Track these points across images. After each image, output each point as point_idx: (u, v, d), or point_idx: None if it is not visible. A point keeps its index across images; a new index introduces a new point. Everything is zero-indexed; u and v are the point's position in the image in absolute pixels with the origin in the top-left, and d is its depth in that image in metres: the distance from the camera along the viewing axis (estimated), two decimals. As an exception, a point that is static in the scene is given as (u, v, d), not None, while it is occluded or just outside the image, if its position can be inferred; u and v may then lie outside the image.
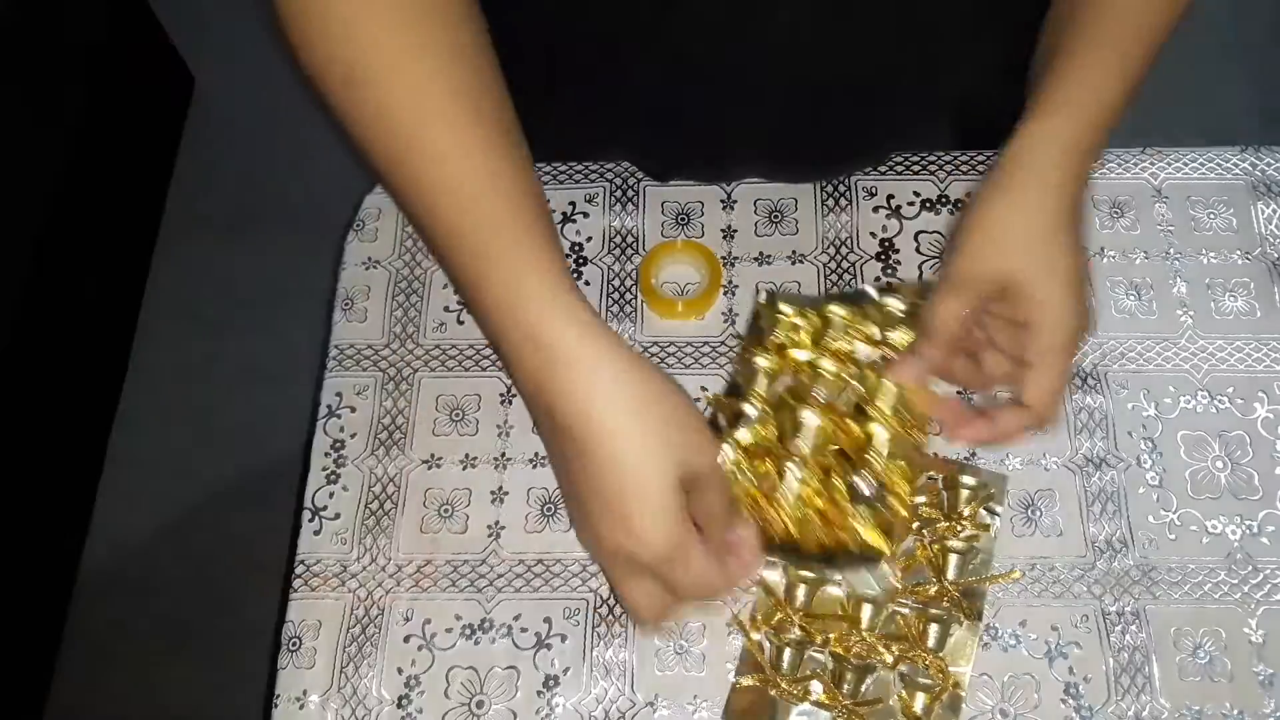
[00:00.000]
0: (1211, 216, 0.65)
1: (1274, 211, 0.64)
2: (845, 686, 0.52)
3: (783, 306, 0.60)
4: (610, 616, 0.55)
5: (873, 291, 0.60)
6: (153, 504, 1.48)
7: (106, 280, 1.59)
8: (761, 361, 0.58)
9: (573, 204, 0.67)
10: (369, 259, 0.67)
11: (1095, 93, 0.54)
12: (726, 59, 0.58)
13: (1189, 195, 0.65)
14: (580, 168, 0.69)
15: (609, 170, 0.68)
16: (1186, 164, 0.66)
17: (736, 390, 0.58)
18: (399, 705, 0.54)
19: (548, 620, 0.55)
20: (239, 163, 1.72)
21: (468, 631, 0.55)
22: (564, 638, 0.55)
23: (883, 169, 0.67)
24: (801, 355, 0.58)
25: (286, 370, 1.44)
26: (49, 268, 1.42)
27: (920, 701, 0.51)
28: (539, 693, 0.54)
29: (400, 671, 0.55)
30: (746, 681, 0.53)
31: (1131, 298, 0.62)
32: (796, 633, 0.54)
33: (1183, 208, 0.65)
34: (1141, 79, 0.55)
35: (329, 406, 0.62)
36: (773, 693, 0.53)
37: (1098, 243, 0.64)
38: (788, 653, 0.53)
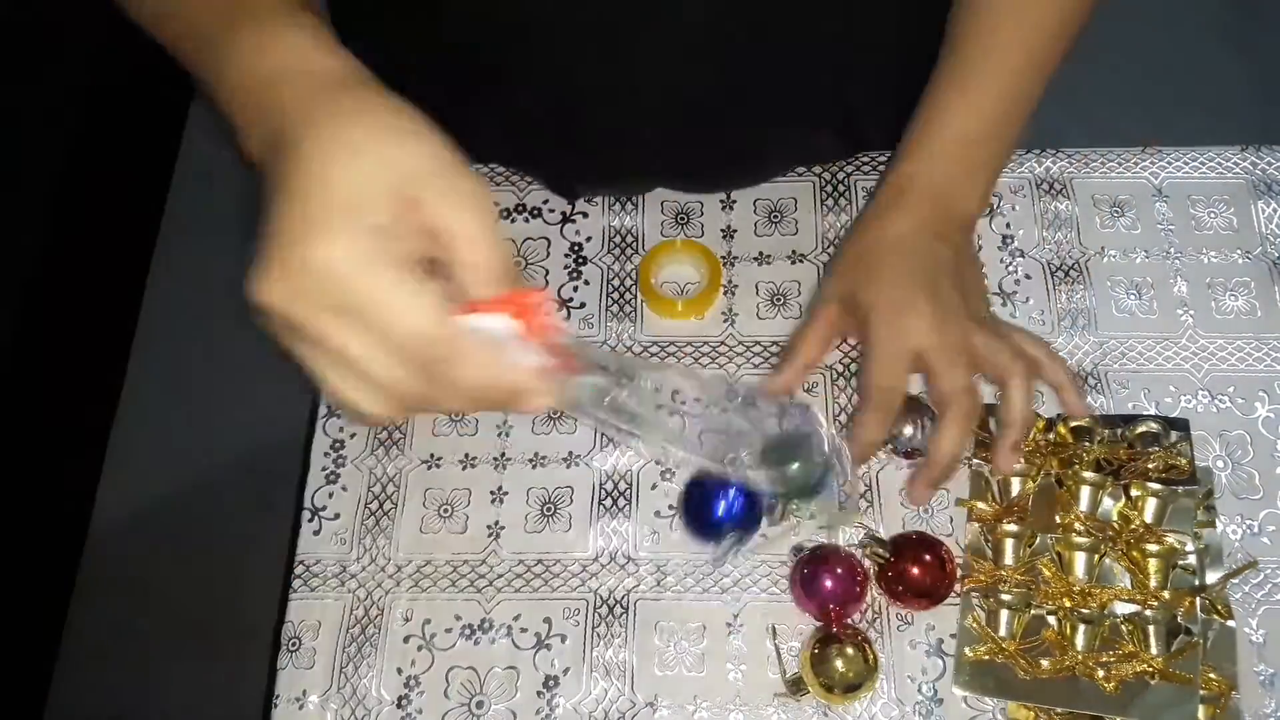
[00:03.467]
0: (1212, 216, 0.64)
1: (1274, 210, 0.64)
2: (1078, 641, 0.51)
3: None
4: (610, 616, 0.55)
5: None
6: (153, 504, 1.47)
7: (106, 280, 1.59)
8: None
9: (572, 204, 0.67)
10: (369, 259, 0.66)
11: (958, 135, 0.57)
12: (623, 70, 0.58)
13: (1189, 195, 0.65)
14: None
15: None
16: (1187, 163, 0.66)
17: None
18: (399, 705, 0.54)
19: (548, 620, 0.55)
20: (239, 163, 1.72)
21: (468, 631, 0.55)
22: (564, 638, 0.55)
23: (881, 166, 0.67)
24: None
25: (286, 370, 1.43)
26: (49, 268, 1.42)
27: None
28: (539, 693, 0.54)
29: (400, 671, 0.55)
30: (974, 653, 0.52)
31: (1132, 297, 0.62)
32: (1013, 594, 0.53)
33: (1183, 207, 0.65)
34: (1014, 112, 0.58)
35: (329, 406, 0.62)
36: (1001, 660, 0.52)
37: (1098, 242, 0.64)
38: (1004, 615, 0.53)
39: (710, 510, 0.54)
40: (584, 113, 0.61)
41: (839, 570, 0.53)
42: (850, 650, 0.51)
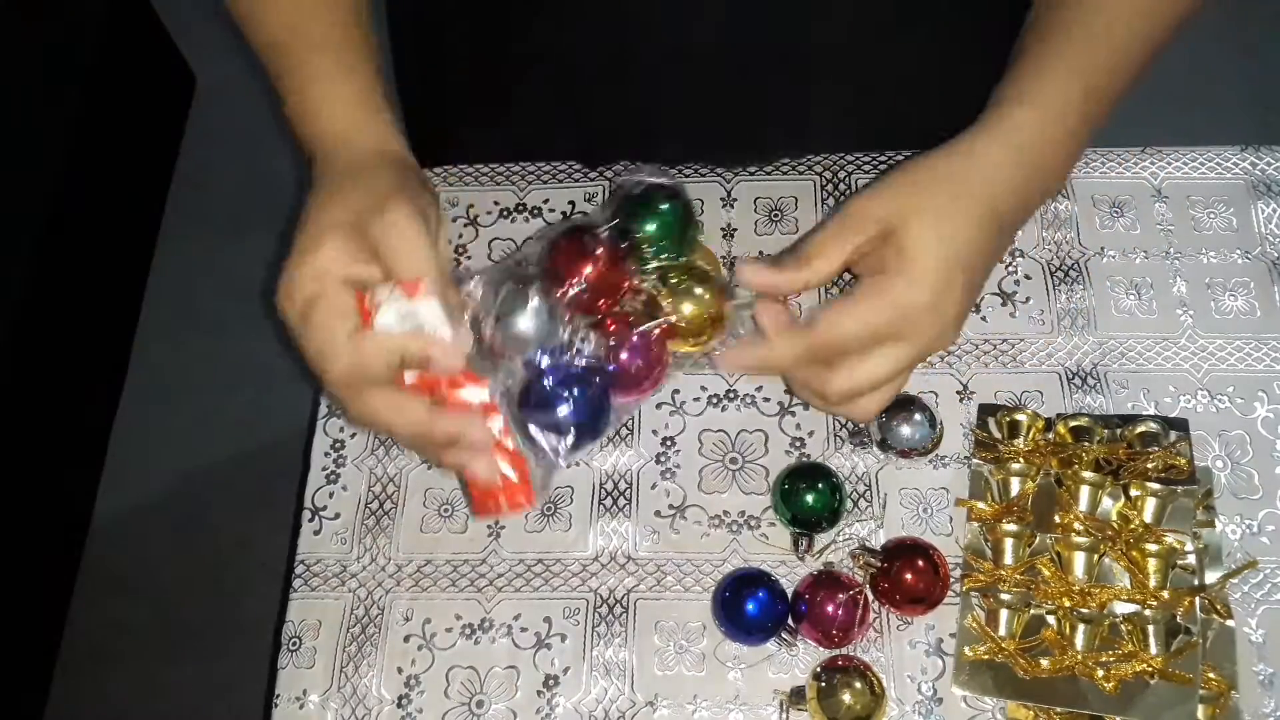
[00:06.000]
0: (1211, 216, 0.65)
1: (1274, 211, 0.64)
2: (1078, 640, 0.51)
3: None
4: (610, 616, 0.55)
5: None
6: (153, 504, 1.48)
7: (107, 279, 1.59)
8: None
9: (572, 203, 0.67)
10: (369, 259, 0.66)
11: (1057, 92, 0.53)
12: (672, 6, 0.59)
13: (1189, 195, 0.65)
14: (580, 169, 0.69)
15: (611, 169, 0.68)
16: (1186, 164, 0.66)
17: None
18: (399, 705, 0.54)
19: (548, 620, 0.55)
20: (239, 163, 1.72)
21: (468, 631, 0.55)
22: (564, 637, 0.55)
23: (882, 165, 0.67)
24: None
25: (286, 370, 1.43)
26: (49, 267, 1.42)
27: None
28: (539, 692, 0.54)
29: (400, 671, 0.55)
30: (974, 652, 0.52)
31: (1131, 297, 0.62)
32: (1012, 594, 0.53)
33: (1182, 207, 0.65)
34: (1113, 86, 0.54)
35: (329, 406, 0.62)
36: (1001, 659, 0.52)
37: (1098, 242, 0.64)
38: (1004, 614, 0.53)
39: (742, 611, 0.53)
40: (631, 52, 0.61)
41: (840, 596, 0.52)
42: (857, 684, 0.51)
